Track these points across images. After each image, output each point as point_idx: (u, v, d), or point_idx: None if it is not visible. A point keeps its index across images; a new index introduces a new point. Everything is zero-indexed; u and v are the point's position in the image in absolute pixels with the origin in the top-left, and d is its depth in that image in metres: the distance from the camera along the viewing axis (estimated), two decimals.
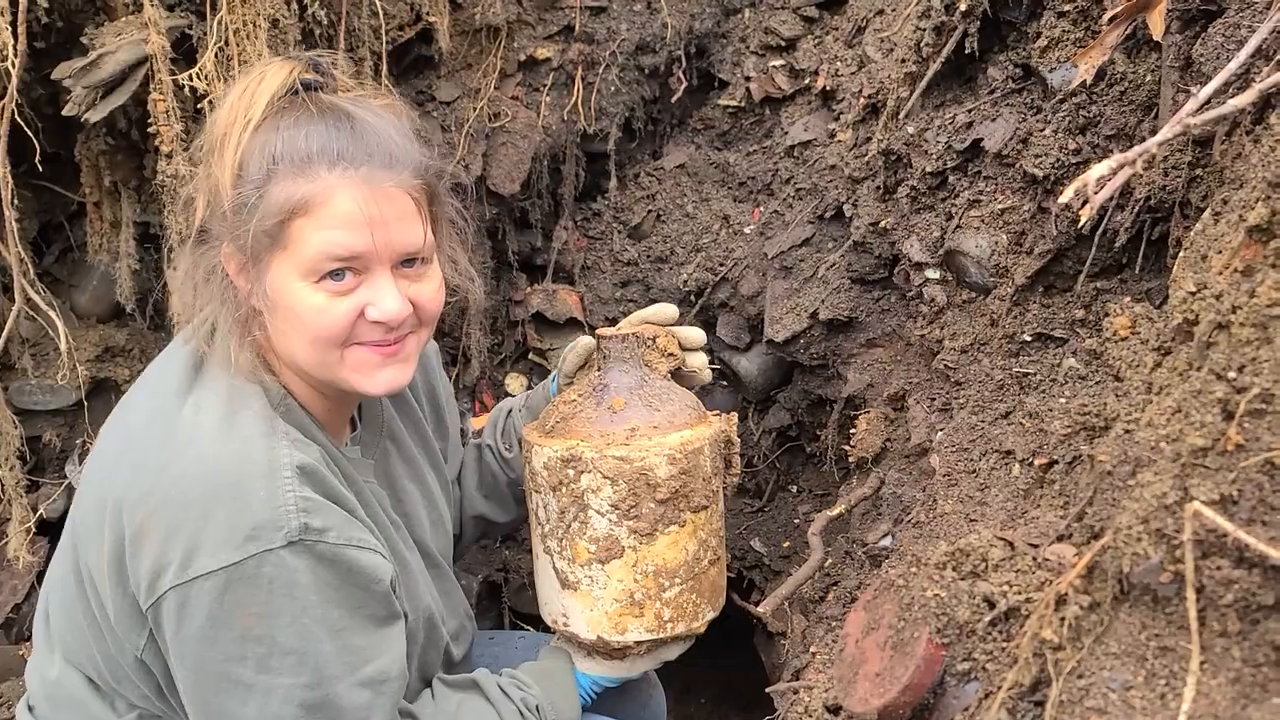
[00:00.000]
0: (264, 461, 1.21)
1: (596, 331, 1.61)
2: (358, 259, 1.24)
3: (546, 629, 1.66)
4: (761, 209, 2.58)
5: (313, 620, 1.21)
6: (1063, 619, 0.94)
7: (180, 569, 1.17)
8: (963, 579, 1.10)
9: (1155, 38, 1.40)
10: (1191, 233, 1.11)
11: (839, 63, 2.42)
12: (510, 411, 1.84)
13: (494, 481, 1.81)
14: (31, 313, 1.93)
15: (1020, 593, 1.05)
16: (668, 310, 1.69)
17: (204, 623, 1.18)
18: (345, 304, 1.25)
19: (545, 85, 2.52)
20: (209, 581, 1.16)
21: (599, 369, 1.59)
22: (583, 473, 1.47)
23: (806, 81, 2.52)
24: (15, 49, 1.66)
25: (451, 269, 1.43)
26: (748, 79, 2.62)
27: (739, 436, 1.63)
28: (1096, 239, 1.57)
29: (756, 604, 2.60)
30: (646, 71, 2.61)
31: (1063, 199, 0.87)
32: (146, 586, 1.20)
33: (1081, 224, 0.98)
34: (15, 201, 1.78)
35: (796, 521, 2.71)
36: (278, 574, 1.18)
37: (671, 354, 1.66)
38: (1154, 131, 1.49)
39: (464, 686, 1.51)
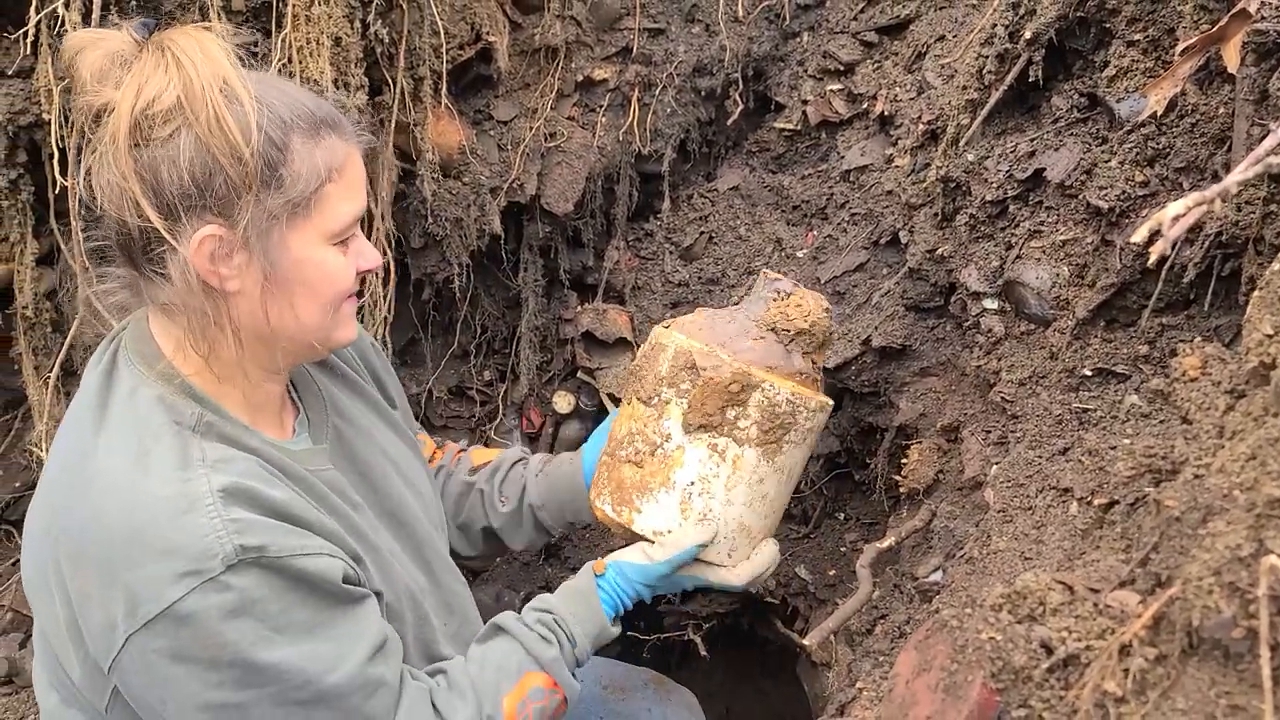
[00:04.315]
0: (179, 495, 1.17)
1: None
2: (360, 219, 1.32)
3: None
4: (815, 233, 2.56)
5: (277, 629, 1.19)
6: (1127, 671, 0.90)
7: (128, 618, 1.15)
8: (1019, 622, 1.07)
9: (1230, 70, 1.37)
10: (1268, 271, 1.07)
11: (898, 88, 2.39)
12: (515, 463, 1.82)
13: (470, 523, 1.80)
14: (94, 319, 1.96)
15: (1080, 639, 1.02)
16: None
17: (169, 662, 1.16)
18: (351, 261, 1.33)
19: (601, 106, 2.52)
20: (159, 624, 1.14)
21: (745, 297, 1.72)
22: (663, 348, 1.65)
23: (864, 106, 2.50)
24: None
25: None
26: (804, 102, 2.60)
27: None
28: (1163, 274, 1.52)
29: (801, 633, 2.57)
30: (703, 94, 2.61)
31: (1136, 238, 0.85)
32: (104, 645, 1.18)
33: (1150, 261, 0.95)
34: (82, 211, 1.81)
35: (843, 549, 2.67)
36: (225, 599, 1.15)
37: (801, 330, 1.61)
38: (1226, 165, 1.45)
39: (488, 634, 1.50)
